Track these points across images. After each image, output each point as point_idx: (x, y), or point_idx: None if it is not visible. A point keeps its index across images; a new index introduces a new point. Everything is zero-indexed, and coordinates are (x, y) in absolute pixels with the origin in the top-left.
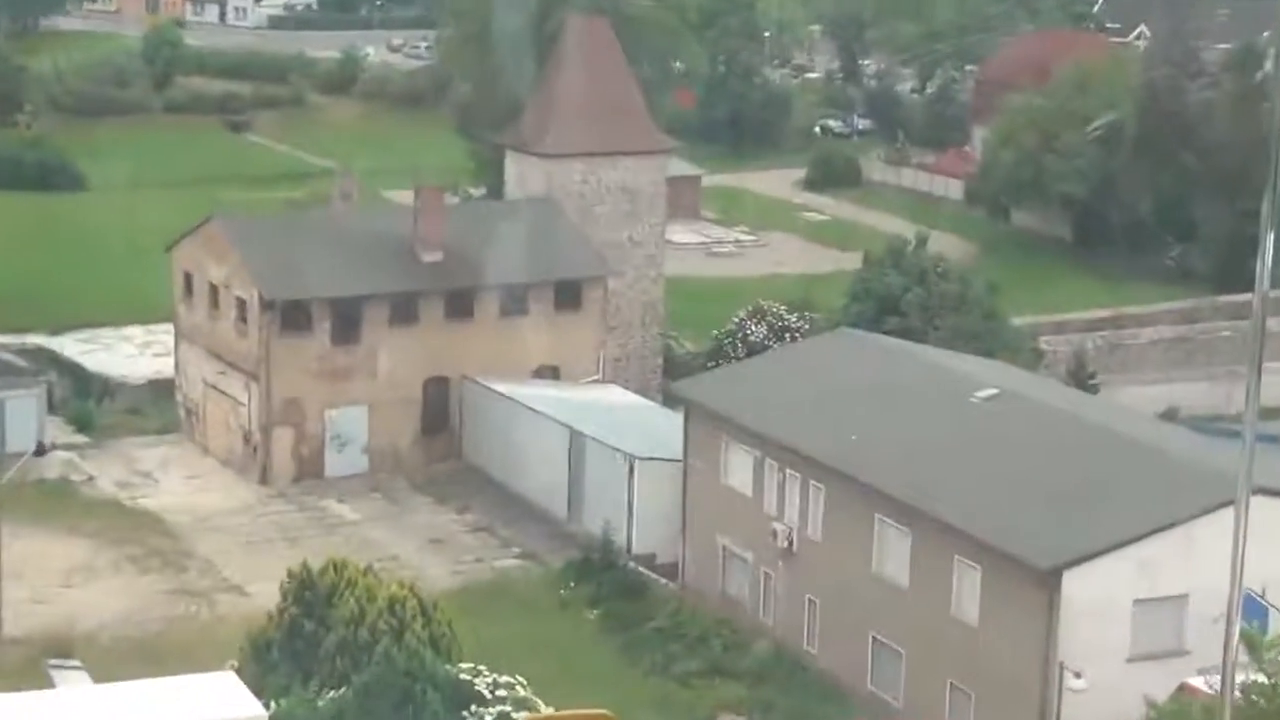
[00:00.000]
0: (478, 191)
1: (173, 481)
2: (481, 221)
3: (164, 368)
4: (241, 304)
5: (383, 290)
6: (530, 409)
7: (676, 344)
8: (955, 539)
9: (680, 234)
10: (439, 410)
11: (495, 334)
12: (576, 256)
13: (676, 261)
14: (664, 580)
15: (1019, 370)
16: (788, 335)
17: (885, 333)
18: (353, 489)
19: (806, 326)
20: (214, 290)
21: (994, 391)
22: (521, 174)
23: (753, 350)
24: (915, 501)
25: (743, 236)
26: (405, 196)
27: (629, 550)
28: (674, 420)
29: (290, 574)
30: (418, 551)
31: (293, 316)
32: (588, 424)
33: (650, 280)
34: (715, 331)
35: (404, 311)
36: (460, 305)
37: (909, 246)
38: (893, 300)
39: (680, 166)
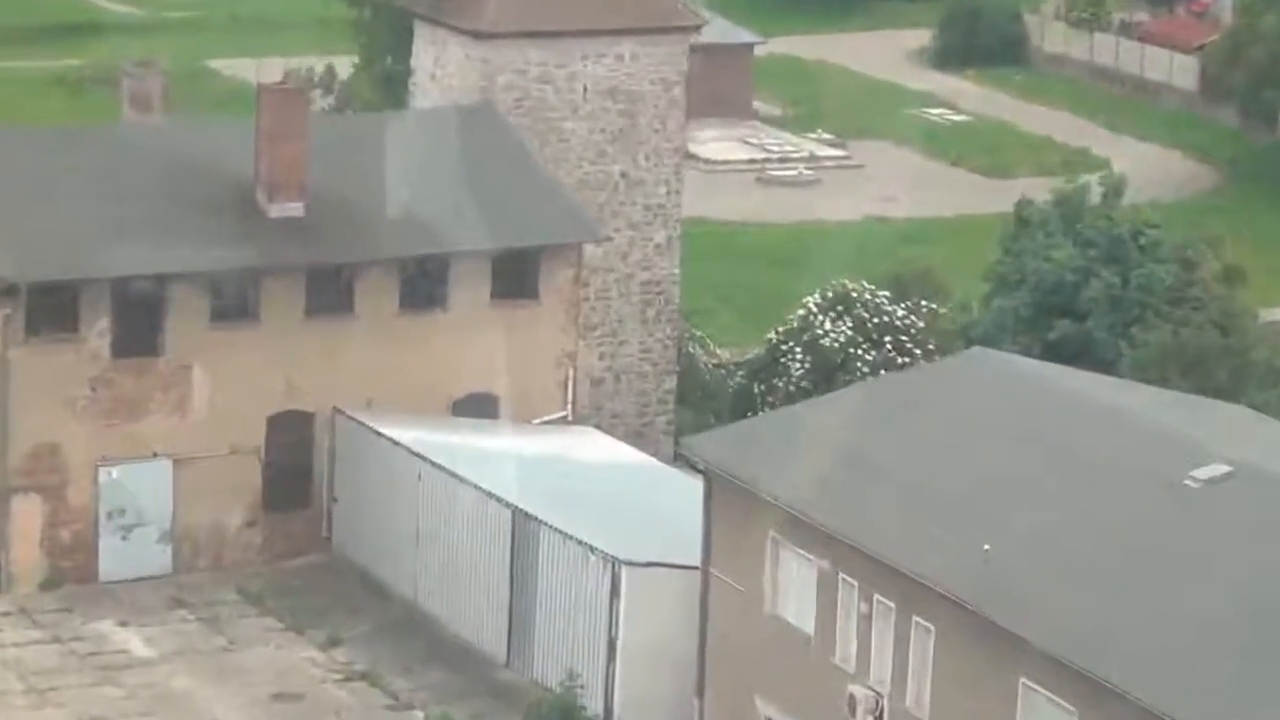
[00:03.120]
0: (359, 77)
1: None
2: (370, 147)
3: None
4: None
5: (201, 266)
6: (447, 471)
7: (701, 349)
8: None
9: (717, 145)
10: (294, 468)
11: (390, 340)
12: (531, 208)
13: (708, 196)
14: None
15: (1273, 423)
16: (887, 340)
17: (1049, 349)
18: (146, 602)
19: (920, 325)
20: None
21: (1225, 469)
22: (440, 63)
23: (827, 365)
24: (1084, 659)
25: (822, 150)
26: (247, 69)
27: (608, 716)
28: (690, 492)
29: None
30: (252, 715)
31: (47, 310)
32: (543, 499)
33: (656, 246)
34: (772, 333)
35: (237, 302)
36: (332, 292)
37: (1090, 191)
38: (1063, 290)
39: (720, 30)
